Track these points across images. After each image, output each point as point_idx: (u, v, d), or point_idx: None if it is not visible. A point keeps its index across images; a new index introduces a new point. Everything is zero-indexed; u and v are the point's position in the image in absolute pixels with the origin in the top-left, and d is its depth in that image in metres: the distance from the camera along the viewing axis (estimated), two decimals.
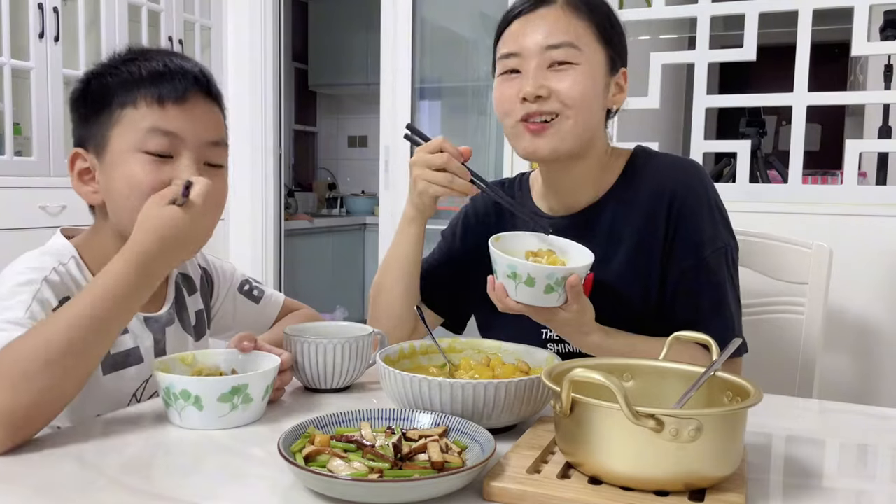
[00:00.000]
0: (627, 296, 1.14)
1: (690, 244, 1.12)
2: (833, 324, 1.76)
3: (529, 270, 0.99)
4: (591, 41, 1.11)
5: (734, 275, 1.16)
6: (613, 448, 0.70)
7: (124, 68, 1.03)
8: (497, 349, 1.05)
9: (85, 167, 1.05)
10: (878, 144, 2.45)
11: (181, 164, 1.01)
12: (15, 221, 2.42)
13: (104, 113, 1.02)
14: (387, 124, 3.17)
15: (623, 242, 1.15)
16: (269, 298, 1.31)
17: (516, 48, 1.12)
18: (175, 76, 1.02)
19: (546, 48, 1.09)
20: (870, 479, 0.86)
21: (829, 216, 1.93)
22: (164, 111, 1.00)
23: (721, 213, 1.16)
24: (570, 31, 1.10)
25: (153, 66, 1.02)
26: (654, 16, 2.21)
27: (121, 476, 0.76)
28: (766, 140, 3.28)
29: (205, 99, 1.05)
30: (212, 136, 1.05)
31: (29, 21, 2.58)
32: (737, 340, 0.84)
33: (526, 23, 1.12)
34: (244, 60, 3.39)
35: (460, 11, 3.33)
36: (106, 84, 1.02)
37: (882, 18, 2.48)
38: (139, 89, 1.00)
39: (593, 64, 1.11)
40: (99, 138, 1.02)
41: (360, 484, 0.67)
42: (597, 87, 1.11)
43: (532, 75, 1.10)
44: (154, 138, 1.00)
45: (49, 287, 0.97)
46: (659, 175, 1.16)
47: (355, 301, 5.04)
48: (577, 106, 1.10)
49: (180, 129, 1.01)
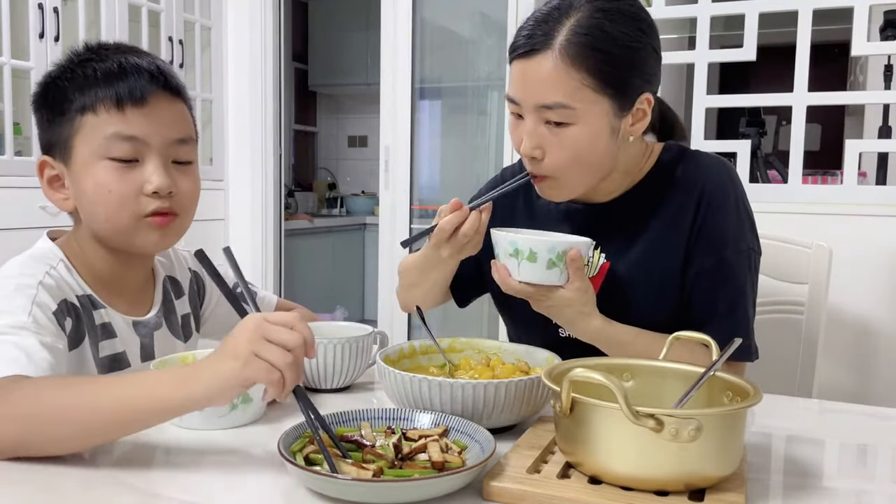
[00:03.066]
0: (644, 289, 1.14)
1: (714, 242, 1.11)
2: (833, 324, 1.76)
3: (531, 245, 1.00)
4: (588, 95, 1.03)
5: (754, 280, 1.14)
6: (613, 448, 0.70)
7: (80, 70, 1.00)
8: (497, 349, 1.05)
9: (54, 174, 1.03)
10: (877, 144, 2.45)
11: (148, 167, 0.99)
12: (15, 221, 2.42)
13: (65, 119, 0.99)
14: (387, 124, 3.17)
15: (645, 234, 1.15)
16: (262, 300, 1.31)
17: (516, 96, 1.08)
18: (130, 76, 0.98)
19: (539, 107, 1.05)
20: (870, 479, 0.86)
21: (829, 216, 1.93)
22: (123, 116, 0.98)
23: (749, 217, 1.15)
24: (563, 88, 1.03)
25: (108, 66, 0.99)
26: (654, 16, 2.19)
27: (121, 476, 0.76)
28: (766, 140, 3.28)
29: (165, 96, 1.01)
30: (177, 133, 1.02)
31: (29, 21, 2.58)
32: (737, 340, 0.84)
33: (524, 69, 1.06)
34: (244, 60, 3.39)
35: (460, 11, 3.32)
36: (63, 88, 0.99)
37: (882, 18, 2.47)
38: (96, 94, 0.98)
39: (593, 118, 1.05)
40: (63, 145, 1.00)
41: (360, 484, 0.67)
42: (596, 142, 1.06)
43: (527, 133, 1.07)
44: (117, 144, 0.97)
45: (45, 290, 0.95)
46: (690, 172, 1.15)
47: (355, 301, 5.04)
48: (570, 168, 1.08)
49: (143, 133, 0.98)
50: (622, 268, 1.15)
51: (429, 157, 3.41)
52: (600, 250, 1.18)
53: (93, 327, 1.02)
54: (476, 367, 0.99)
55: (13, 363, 0.83)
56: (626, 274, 1.15)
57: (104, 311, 1.04)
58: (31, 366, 0.84)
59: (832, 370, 1.86)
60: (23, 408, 0.78)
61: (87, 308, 1.01)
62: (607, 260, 1.17)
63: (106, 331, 1.04)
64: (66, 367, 0.93)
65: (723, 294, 1.11)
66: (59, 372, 0.89)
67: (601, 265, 1.17)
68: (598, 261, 1.17)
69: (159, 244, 1.05)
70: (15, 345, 0.85)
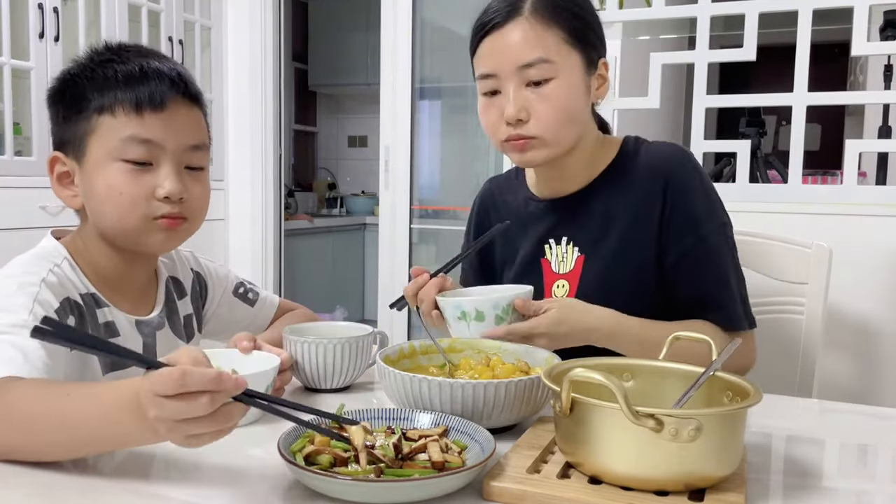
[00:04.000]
0: (622, 275, 1.17)
1: (688, 223, 1.15)
2: (833, 324, 1.76)
3: (476, 305, 1.03)
4: (563, 49, 1.11)
5: (734, 250, 1.18)
6: (613, 448, 0.70)
7: (100, 70, 1.00)
8: (497, 349, 1.05)
9: (64, 171, 1.03)
10: (877, 144, 2.45)
11: (161, 171, 1.00)
12: (15, 221, 2.42)
13: (81, 117, 1.00)
14: (387, 124, 3.17)
15: (616, 223, 1.18)
16: (265, 301, 1.31)
17: (492, 69, 1.13)
18: (151, 80, 0.99)
19: (520, 68, 1.10)
20: (870, 479, 0.86)
21: (829, 216, 1.93)
22: (142, 119, 0.98)
23: (713, 193, 1.19)
24: (541, 45, 1.10)
25: (129, 69, 0.99)
26: (654, 16, 2.21)
27: (121, 476, 0.76)
28: (765, 140, 3.28)
29: (184, 102, 1.02)
30: (192, 140, 1.03)
31: (29, 21, 2.58)
32: (737, 340, 0.84)
33: (497, 40, 1.12)
34: (244, 60, 3.39)
35: (460, 11, 3.32)
36: (82, 87, 1.00)
37: (882, 18, 2.48)
38: (115, 96, 0.98)
39: (570, 72, 1.12)
40: (77, 143, 1.01)
41: (360, 484, 0.67)
42: (576, 95, 1.13)
43: (511, 97, 1.11)
44: (133, 147, 0.98)
45: (48, 288, 0.95)
46: (651, 158, 1.19)
47: (355, 301, 5.04)
48: (556, 127, 1.12)
49: (159, 137, 0.99)
50: (597, 260, 1.18)
51: (429, 157, 3.41)
52: (573, 244, 1.21)
53: (96, 326, 1.02)
54: (476, 367, 0.99)
55: (9, 363, 0.83)
56: (602, 265, 1.18)
57: (107, 309, 1.04)
58: (27, 366, 0.84)
59: (832, 370, 1.86)
60: (7, 412, 0.77)
61: (90, 306, 1.01)
62: (581, 253, 1.20)
63: (109, 329, 1.04)
64: (65, 366, 0.93)
65: (709, 271, 1.14)
66: (57, 372, 0.89)
67: (576, 258, 1.20)
68: (573, 255, 1.20)
69: (166, 244, 1.05)
70: (12, 344, 0.85)
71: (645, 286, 1.16)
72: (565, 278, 1.22)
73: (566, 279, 1.21)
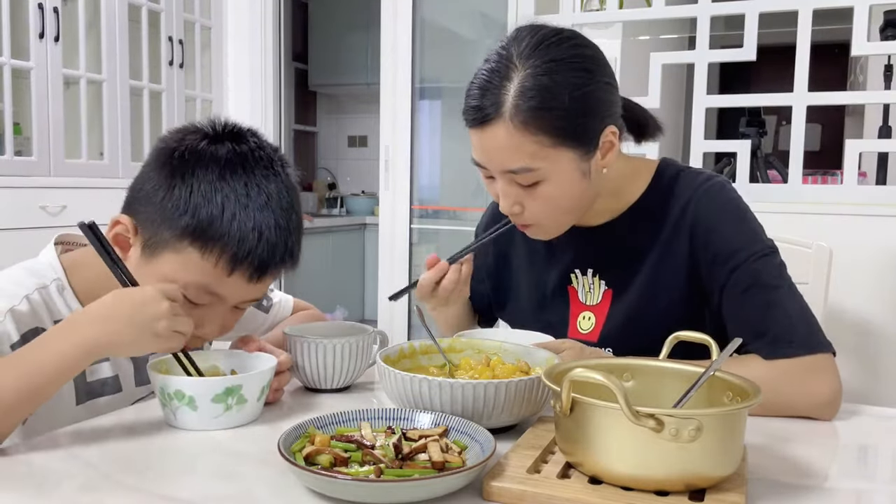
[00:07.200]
0: (648, 314, 1.12)
1: (721, 259, 1.07)
2: (833, 324, 1.75)
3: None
4: (550, 153, 1.00)
5: (784, 273, 1.08)
6: (613, 448, 0.70)
7: (220, 192, 0.91)
8: (497, 349, 1.05)
9: (124, 236, 0.96)
10: (877, 144, 2.45)
11: (209, 312, 0.96)
12: (15, 221, 2.42)
13: (172, 224, 0.92)
14: (387, 124, 3.17)
15: (644, 259, 1.13)
16: (279, 305, 1.29)
17: (481, 161, 1.06)
18: (262, 249, 0.93)
19: (505, 172, 1.02)
20: (870, 479, 0.86)
21: (829, 216, 1.94)
22: (227, 280, 0.93)
23: (752, 221, 1.11)
24: (522, 154, 1.00)
25: (249, 225, 0.92)
26: (654, 16, 2.21)
27: (120, 476, 0.76)
28: (766, 140, 3.28)
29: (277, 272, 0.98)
30: (258, 295, 1.00)
31: (29, 21, 2.58)
32: (737, 340, 0.84)
33: (480, 139, 1.03)
34: (244, 60, 3.39)
35: (460, 11, 3.32)
36: (188, 196, 0.91)
37: (882, 18, 2.48)
38: (217, 246, 0.91)
39: (560, 172, 1.02)
40: (154, 236, 0.93)
41: (360, 484, 0.67)
42: (570, 189, 1.04)
43: (503, 193, 1.05)
44: (201, 293, 0.94)
45: (12, 319, 0.92)
46: (683, 190, 1.12)
47: (355, 301, 5.04)
48: (553, 216, 1.07)
49: (230, 295, 0.96)
50: (624, 296, 1.14)
51: (429, 157, 3.41)
52: (599, 277, 1.17)
53: None
54: (476, 367, 0.99)
55: None
56: (628, 303, 1.14)
57: None
58: None
59: None
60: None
61: None
62: (609, 287, 1.16)
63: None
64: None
65: (752, 303, 1.05)
66: None
67: (603, 292, 1.17)
68: (601, 288, 1.17)
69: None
70: None
71: (672, 326, 1.02)
72: (592, 310, 1.18)
73: (593, 311, 1.18)
